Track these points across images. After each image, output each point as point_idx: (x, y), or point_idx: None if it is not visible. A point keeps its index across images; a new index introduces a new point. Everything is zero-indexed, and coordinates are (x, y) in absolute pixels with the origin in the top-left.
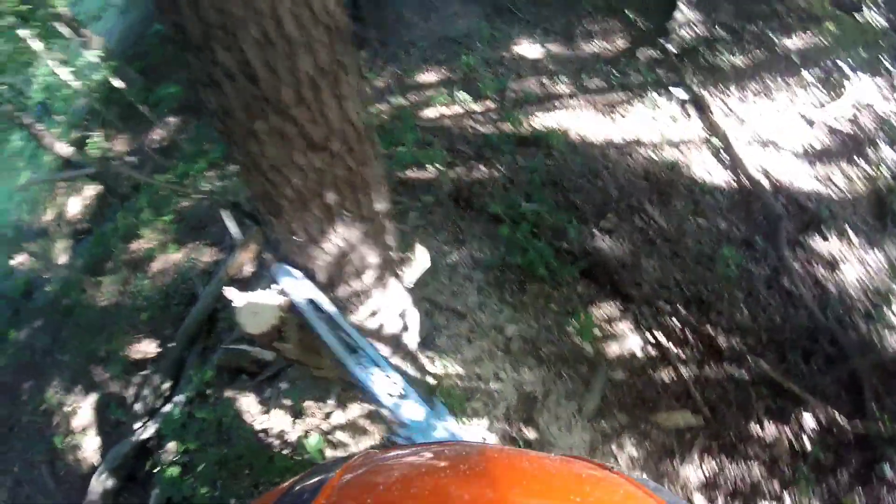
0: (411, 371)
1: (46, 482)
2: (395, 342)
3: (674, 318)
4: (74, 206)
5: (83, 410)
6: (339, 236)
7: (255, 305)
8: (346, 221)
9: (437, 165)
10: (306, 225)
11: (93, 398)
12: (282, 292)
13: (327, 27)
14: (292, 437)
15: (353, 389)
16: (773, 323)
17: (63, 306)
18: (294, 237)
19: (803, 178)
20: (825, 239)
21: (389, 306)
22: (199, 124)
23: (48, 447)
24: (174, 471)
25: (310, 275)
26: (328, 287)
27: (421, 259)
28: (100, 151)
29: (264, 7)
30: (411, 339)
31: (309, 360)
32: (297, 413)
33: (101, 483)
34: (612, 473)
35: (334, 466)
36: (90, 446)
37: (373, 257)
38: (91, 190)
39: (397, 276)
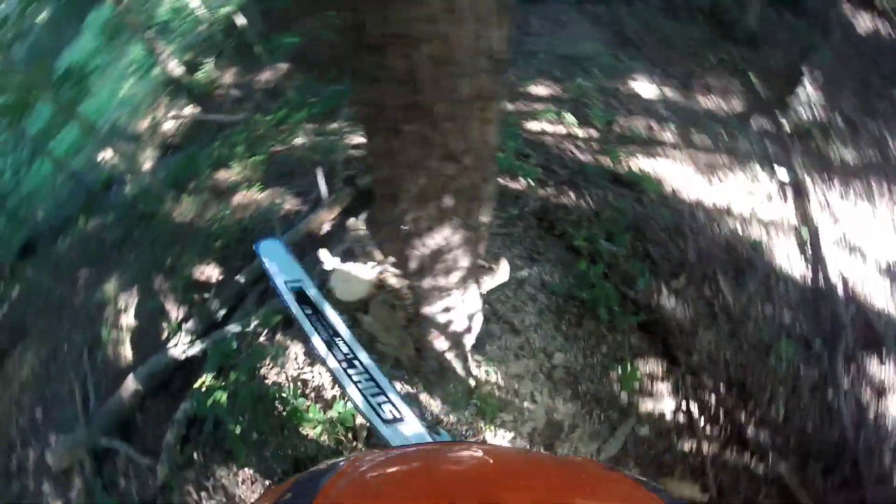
0: (459, 369)
1: (82, 364)
2: (456, 340)
3: (713, 395)
4: (171, 122)
5: (134, 311)
6: (443, 236)
7: (346, 274)
8: (454, 226)
9: (530, 180)
10: (417, 219)
11: (147, 302)
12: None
13: (493, 60)
14: (328, 395)
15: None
16: (804, 430)
17: (139, 210)
18: (402, 225)
19: (879, 295)
20: (881, 363)
21: (463, 307)
22: (308, 77)
23: (93, 335)
24: (220, 395)
25: (401, 260)
26: (415, 274)
27: (502, 273)
28: (208, 78)
29: (446, 32)
30: (469, 341)
31: (381, 336)
32: None
33: (134, 383)
34: (611, 473)
35: (334, 466)
36: (133, 346)
37: (464, 261)
38: (190, 110)
39: (478, 282)
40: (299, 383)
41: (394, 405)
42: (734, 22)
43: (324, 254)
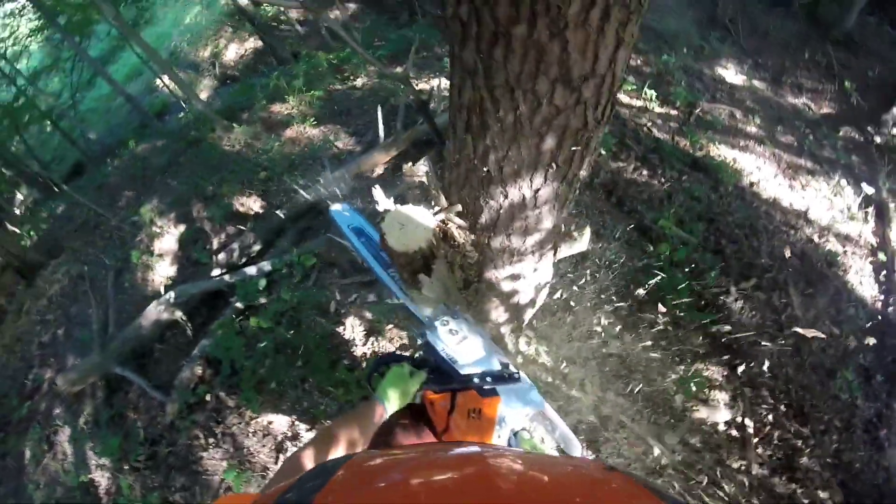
0: (509, 346)
1: (106, 287)
2: (516, 312)
3: (769, 415)
4: (231, 52)
5: (169, 237)
6: (531, 187)
7: (403, 216)
8: (548, 176)
9: (602, 149)
10: (503, 159)
11: (183, 229)
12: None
13: None
14: (358, 351)
15: None
16: (851, 465)
17: (189, 136)
18: (482, 166)
19: None
20: None
21: (533, 277)
22: (376, 19)
23: (123, 256)
24: (241, 338)
25: (470, 209)
26: (486, 230)
27: (582, 242)
28: (273, 11)
29: None
30: (528, 316)
31: (440, 300)
32: (374, 331)
33: (157, 312)
34: (613, 474)
35: (335, 467)
36: (161, 272)
37: (548, 222)
38: (252, 43)
39: (555, 249)
40: (328, 337)
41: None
42: (833, 22)
43: (378, 192)
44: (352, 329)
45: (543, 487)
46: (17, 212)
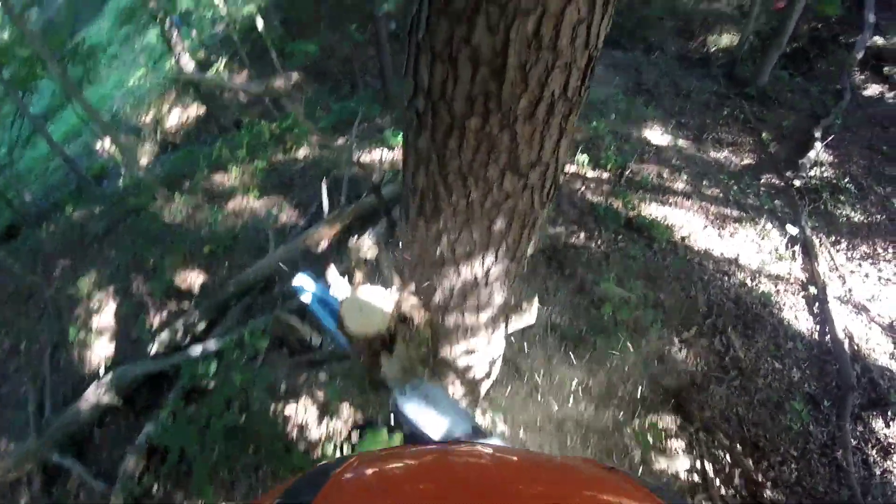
0: None
1: (42, 366)
2: (472, 386)
3: (727, 455)
4: (174, 118)
5: (108, 313)
6: (483, 266)
7: (361, 301)
8: (499, 255)
9: None
10: (456, 241)
11: (122, 305)
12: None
13: (590, 56)
14: (314, 434)
15: None
16: (815, 491)
17: (129, 204)
18: (435, 248)
19: (883, 355)
20: (887, 424)
21: (487, 351)
22: (320, 89)
23: (60, 332)
24: (189, 423)
25: (424, 289)
26: (439, 309)
27: (531, 314)
28: (218, 78)
29: (552, 8)
30: (484, 388)
31: (399, 381)
32: (328, 411)
33: (96, 394)
34: (612, 473)
35: (333, 467)
36: (100, 351)
37: (499, 297)
38: (195, 109)
39: (506, 322)
40: (281, 419)
41: None
42: (748, 80)
43: (332, 273)
44: (304, 410)
45: (545, 484)
46: None
